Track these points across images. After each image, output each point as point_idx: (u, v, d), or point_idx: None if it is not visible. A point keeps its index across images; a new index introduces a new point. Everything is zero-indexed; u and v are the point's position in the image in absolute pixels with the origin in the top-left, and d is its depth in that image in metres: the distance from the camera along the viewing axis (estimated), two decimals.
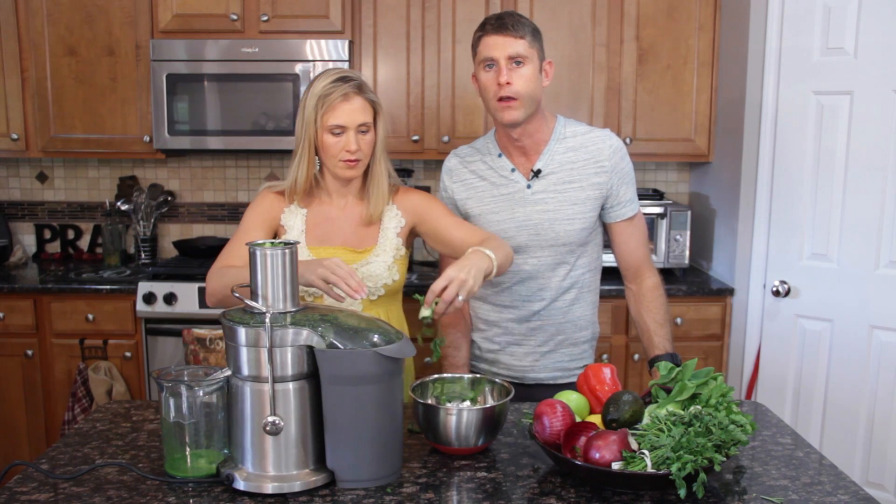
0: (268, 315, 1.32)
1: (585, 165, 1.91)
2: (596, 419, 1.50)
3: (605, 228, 2.00)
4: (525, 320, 1.97)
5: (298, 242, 1.47)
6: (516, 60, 1.81)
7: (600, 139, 1.94)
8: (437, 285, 1.55)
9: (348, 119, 1.78)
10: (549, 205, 1.91)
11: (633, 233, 1.97)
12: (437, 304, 1.55)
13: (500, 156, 1.96)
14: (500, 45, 1.80)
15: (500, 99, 1.82)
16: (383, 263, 1.85)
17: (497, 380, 1.63)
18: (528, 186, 1.92)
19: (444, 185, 2.02)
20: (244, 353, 1.34)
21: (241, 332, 1.33)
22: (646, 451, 1.31)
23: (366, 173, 1.89)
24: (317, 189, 1.91)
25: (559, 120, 1.97)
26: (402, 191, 1.95)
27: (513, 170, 1.94)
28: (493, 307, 2.00)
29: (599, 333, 2.10)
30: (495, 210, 1.94)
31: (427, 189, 3.50)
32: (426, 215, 1.90)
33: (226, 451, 1.41)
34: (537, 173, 1.91)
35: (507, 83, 1.80)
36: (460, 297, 1.54)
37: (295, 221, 1.88)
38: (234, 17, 3.14)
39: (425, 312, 1.56)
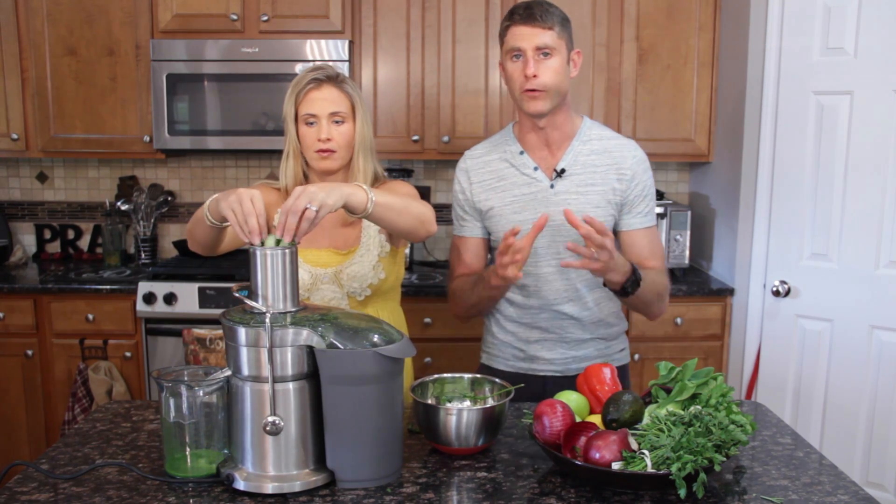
0: (268, 315, 1.32)
1: (608, 171, 1.90)
2: (596, 419, 1.50)
3: (617, 237, 1.96)
4: (557, 320, 1.95)
5: (299, 242, 1.46)
6: (544, 52, 1.79)
7: (625, 147, 1.93)
8: (287, 203, 1.42)
9: (319, 108, 1.79)
10: (571, 205, 1.87)
11: (644, 245, 1.93)
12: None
13: (521, 153, 1.93)
14: (528, 36, 1.79)
15: (526, 90, 1.80)
16: (368, 263, 1.84)
17: (497, 380, 1.63)
18: (552, 186, 1.90)
19: (461, 186, 1.99)
20: (244, 353, 1.34)
21: (241, 332, 1.33)
22: (646, 451, 1.31)
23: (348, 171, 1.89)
24: None
25: (585, 121, 1.96)
26: (386, 184, 1.93)
27: (535, 168, 1.91)
28: (524, 311, 1.96)
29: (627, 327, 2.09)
30: (517, 210, 1.91)
31: (427, 189, 3.50)
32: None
33: (226, 451, 1.41)
34: (560, 173, 1.90)
35: (534, 75, 1.78)
36: (312, 207, 1.42)
37: None
38: (234, 17, 3.14)
39: (270, 241, 1.40)
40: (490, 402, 1.60)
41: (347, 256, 1.86)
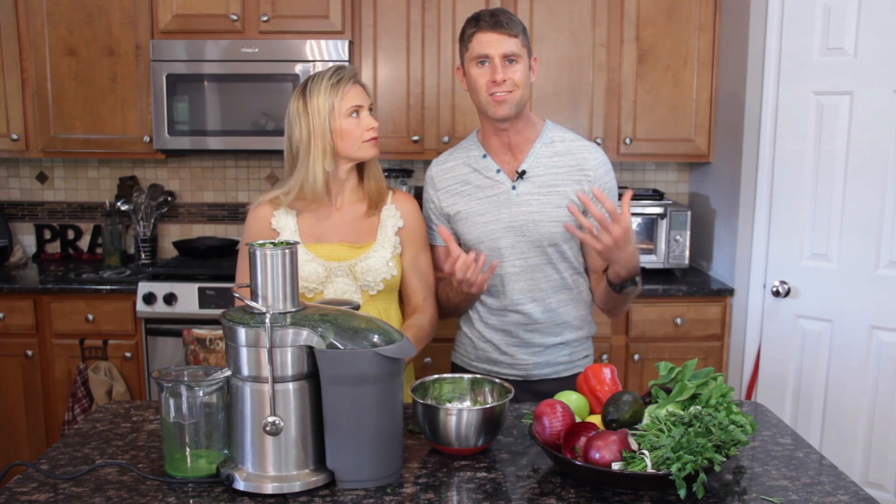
0: (268, 315, 1.32)
1: (570, 172, 1.92)
2: (596, 419, 1.50)
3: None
4: (522, 324, 1.98)
5: (299, 242, 1.47)
6: (510, 59, 1.83)
7: (587, 149, 1.96)
8: None
9: (363, 99, 1.86)
10: (533, 206, 1.92)
11: None
12: None
13: (484, 156, 1.97)
14: (496, 43, 1.82)
15: (494, 95, 1.83)
16: (382, 258, 1.88)
17: (497, 380, 1.63)
18: (514, 188, 1.93)
19: (428, 195, 2.03)
20: (244, 353, 1.34)
21: (241, 333, 1.33)
22: (646, 452, 1.31)
23: (360, 165, 1.93)
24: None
25: (547, 124, 1.99)
26: (399, 193, 1.99)
27: (498, 171, 1.94)
28: (489, 311, 2.00)
29: (597, 332, 2.12)
30: (481, 212, 1.94)
31: None
32: (408, 232, 1.95)
33: (226, 451, 1.41)
34: (522, 174, 1.92)
35: (504, 81, 1.82)
36: None
37: (287, 222, 1.89)
38: (234, 17, 3.14)
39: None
40: (490, 402, 1.60)
41: (362, 250, 1.89)
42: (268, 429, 1.31)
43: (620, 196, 1.82)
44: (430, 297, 1.97)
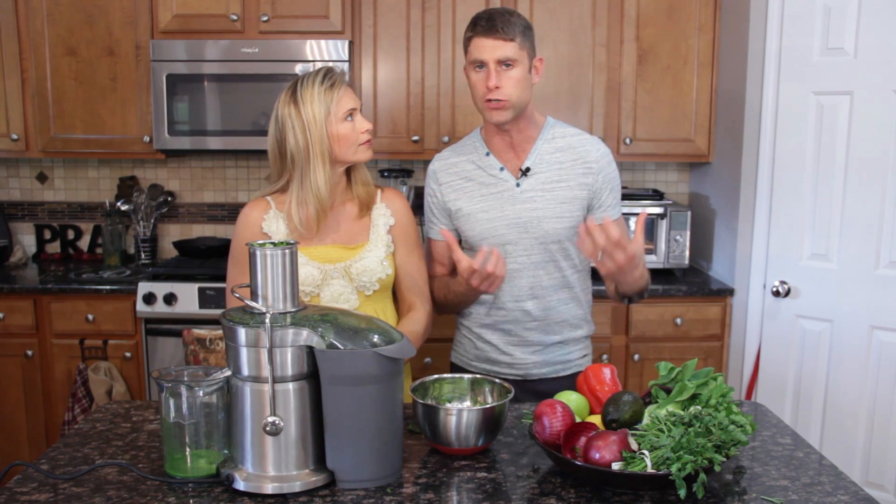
0: (268, 315, 1.32)
1: (573, 166, 1.93)
2: (596, 419, 1.50)
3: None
4: (520, 321, 1.98)
5: (298, 242, 1.47)
6: (505, 63, 1.82)
7: (589, 142, 1.97)
8: None
9: (355, 101, 1.85)
10: (537, 203, 1.92)
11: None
12: None
13: (487, 154, 1.97)
14: (490, 48, 1.81)
15: (489, 101, 1.84)
16: (376, 258, 1.88)
17: (497, 380, 1.63)
18: (517, 185, 1.93)
19: (431, 188, 2.03)
20: (244, 353, 1.34)
21: (241, 333, 1.33)
22: (646, 452, 1.31)
23: (347, 168, 1.91)
24: None
25: (548, 120, 1.99)
26: (388, 191, 1.98)
27: (501, 168, 1.95)
28: (487, 309, 2.00)
29: (595, 331, 2.12)
30: (485, 209, 1.95)
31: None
32: (399, 230, 1.94)
33: (226, 451, 1.41)
34: (526, 171, 1.93)
35: (496, 87, 1.81)
36: None
37: (278, 226, 1.88)
38: (234, 17, 3.14)
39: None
40: (490, 402, 1.60)
41: (356, 251, 1.88)
42: (268, 429, 1.31)
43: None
44: (426, 294, 1.97)
